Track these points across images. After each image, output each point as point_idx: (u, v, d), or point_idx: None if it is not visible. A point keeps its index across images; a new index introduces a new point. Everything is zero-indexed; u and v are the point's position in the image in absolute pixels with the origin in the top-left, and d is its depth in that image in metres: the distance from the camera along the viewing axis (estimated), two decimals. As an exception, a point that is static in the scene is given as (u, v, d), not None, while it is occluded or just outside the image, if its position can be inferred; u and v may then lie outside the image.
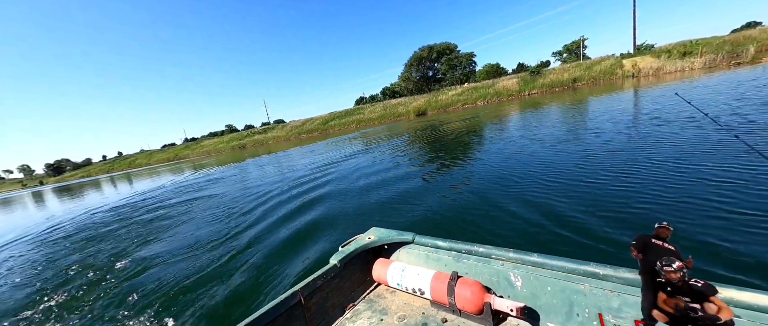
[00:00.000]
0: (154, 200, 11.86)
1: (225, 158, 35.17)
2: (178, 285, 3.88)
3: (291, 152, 23.71)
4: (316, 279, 1.79)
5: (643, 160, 5.00)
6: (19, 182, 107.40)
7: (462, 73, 58.04)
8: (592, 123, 9.48)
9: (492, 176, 5.92)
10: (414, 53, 56.74)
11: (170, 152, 77.97)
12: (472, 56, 59.43)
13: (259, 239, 4.99)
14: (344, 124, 48.99)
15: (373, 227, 2.31)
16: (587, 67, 34.14)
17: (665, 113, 8.57)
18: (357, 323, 1.75)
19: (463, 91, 41.87)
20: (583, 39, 58.30)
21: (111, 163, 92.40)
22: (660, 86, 17.68)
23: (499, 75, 55.38)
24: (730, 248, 2.49)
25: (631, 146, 5.95)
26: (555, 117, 12.70)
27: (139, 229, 7.33)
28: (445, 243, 1.90)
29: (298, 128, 55.75)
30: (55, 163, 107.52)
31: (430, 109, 41.20)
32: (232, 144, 60.39)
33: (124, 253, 5.62)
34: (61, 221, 11.04)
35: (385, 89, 72.41)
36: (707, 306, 0.86)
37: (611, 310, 1.28)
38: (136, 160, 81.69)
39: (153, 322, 3.15)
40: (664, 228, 1.03)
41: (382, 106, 51.07)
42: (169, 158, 70.47)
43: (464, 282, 1.61)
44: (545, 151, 7.02)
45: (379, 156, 11.78)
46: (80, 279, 4.69)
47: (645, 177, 4.27)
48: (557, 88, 33.70)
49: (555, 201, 4.06)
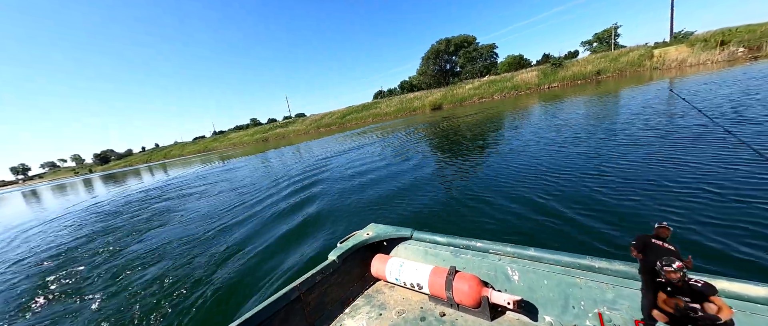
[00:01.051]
0: (175, 188, 13.33)
1: (249, 150, 37.49)
2: (178, 278, 3.95)
3: (310, 144, 24.94)
4: (314, 274, 1.81)
5: (644, 159, 4.93)
6: (72, 169, 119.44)
7: (482, 66, 56.81)
8: (597, 119, 9.41)
9: (492, 172, 5.96)
10: (431, 46, 56.18)
11: (201, 144, 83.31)
12: (492, 48, 57.87)
13: (258, 234, 5.10)
14: (361, 118, 49.89)
15: (372, 223, 2.34)
16: (613, 59, 32.42)
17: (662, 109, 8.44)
18: (356, 318, 1.76)
19: (480, 84, 41.18)
20: (616, 27, 54.72)
21: (149, 154, 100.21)
22: (686, 78, 16.78)
23: (522, 67, 53.40)
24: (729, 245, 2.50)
25: (631, 144, 5.88)
26: (565, 112, 12.55)
27: (156, 217, 8.02)
28: (443, 239, 1.93)
29: (317, 121, 57.47)
30: (102, 153, 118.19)
31: (446, 103, 40.98)
32: (255, 137, 63.41)
33: (135, 238, 6.24)
34: (101, 201, 12.80)
35: (403, 82, 72.34)
36: (707, 306, 0.86)
37: (606, 302, 1.31)
38: (171, 151, 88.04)
39: (152, 316, 3.18)
40: (664, 228, 1.03)
41: (398, 100, 51.38)
42: (199, 149, 75.36)
43: (462, 277, 1.63)
44: (546, 147, 7.02)
45: (383, 150, 12.36)
46: (88, 259, 5.42)
47: (645, 176, 4.22)
48: (579, 80, 32.35)
49: (555, 197, 4.09)
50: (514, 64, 55.56)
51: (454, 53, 57.16)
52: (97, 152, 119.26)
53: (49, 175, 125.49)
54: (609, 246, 2.82)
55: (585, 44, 62.22)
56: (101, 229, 7.81)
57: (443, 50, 55.89)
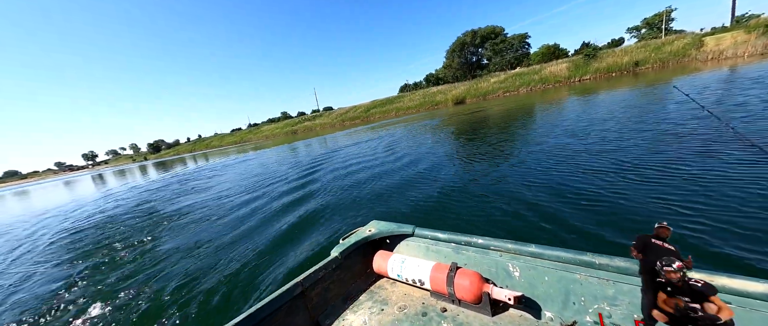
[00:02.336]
0: (204, 177, 15.18)
1: (279, 141, 40.50)
2: (184, 271, 4.01)
3: (330, 136, 26.31)
4: (317, 270, 1.84)
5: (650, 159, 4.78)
6: (130, 157, 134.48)
7: (513, 57, 54.47)
8: (616, 115, 9.07)
9: (495, 169, 6.00)
10: (457, 39, 54.83)
11: (237, 135, 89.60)
12: (524, 38, 55.14)
13: (260, 231, 5.13)
14: (384, 112, 50.64)
15: (374, 220, 2.37)
16: (655, 48, 29.79)
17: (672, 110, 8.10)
18: (358, 313, 1.78)
19: (506, 78, 39.87)
20: (669, 11, 49.45)
21: (193, 144, 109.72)
22: (740, 69, 15.36)
23: (557, 57, 49.81)
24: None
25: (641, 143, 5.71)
26: (584, 107, 12.18)
27: (176, 207, 8.56)
28: (444, 235, 1.95)
29: (343, 115, 59.26)
30: (154, 143, 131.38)
31: (470, 97, 40.31)
32: (285, 130, 66.92)
33: (156, 224, 6.85)
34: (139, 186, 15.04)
35: (429, 75, 71.57)
36: (707, 306, 0.86)
37: (607, 298, 1.31)
38: (212, 142, 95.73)
39: (153, 310, 3.18)
40: (664, 228, 1.03)
41: (421, 94, 51.32)
42: (235, 140, 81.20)
43: (463, 273, 1.65)
44: (556, 145, 6.90)
45: (392, 145, 12.98)
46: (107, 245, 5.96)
47: (649, 176, 4.13)
48: (614, 73, 30.23)
49: (560, 195, 4.05)
50: (548, 54, 52.41)
51: (480, 45, 55.36)
52: (151, 142, 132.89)
53: (112, 161, 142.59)
54: (614, 244, 2.80)
55: (631, 31, 57.11)
56: (129, 215, 8.91)
57: (469, 42, 54.34)
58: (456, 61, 56.26)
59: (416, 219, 4.27)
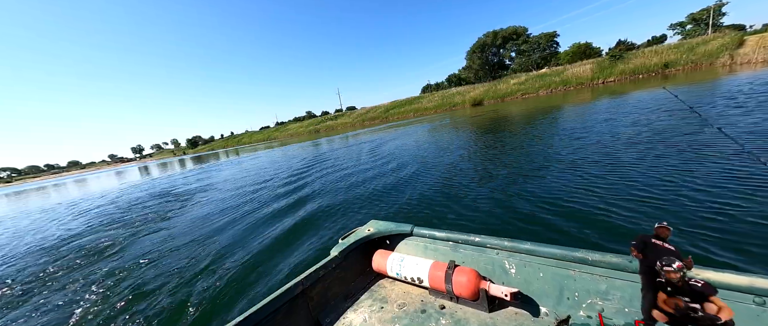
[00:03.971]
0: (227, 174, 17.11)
1: (302, 139, 43.13)
2: (190, 266, 4.07)
3: (337, 137, 27.76)
4: (317, 269, 1.86)
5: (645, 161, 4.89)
6: (171, 151, 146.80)
7: (540, 57, 52.84)
8: (620, 119, 9.05)
9: (498, 167, 6.14)
10: (477, 40, 54.21)
11: (265, 133, 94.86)
12: (553, 37, 53.20)
13: (257, 232, 5.17)
14: (403, 112, 51.53)
15: (372, 220, 2.39)
16: (689, 49, 28.05)
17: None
18: (358, 311, 1.80)
19: (527, 79, 39.16)
20: (720, 5, 45.52)
21: (226, 140, 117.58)
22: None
23: (588, 57, 47.32)
24: None
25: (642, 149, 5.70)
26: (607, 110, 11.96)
27: (188, 199, 9.39)
28: (442, 234, 1.97)
29: (363, 115, 60.99)
30: (192, 138, 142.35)
31: (488, 99, 40.06)
32: (309, 128, 70.03)
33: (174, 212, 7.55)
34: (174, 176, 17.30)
35: (451, 76, 71.25)
36: (707, 306, 0.86)
37: (599, 293, 1.36)
38: (242, 138, 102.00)
39: (153, 307, 3.19)
40: (664, 228, 1.03)
41: (440, 95, 51.56)
42: (263, 138, 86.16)
43: (461, 270, 1.67)
44: (562, 147, 6.90)
45: (398, 145, 13.89)
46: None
47: (649, 176, 4.22)
48: (641, 74, 28.86)
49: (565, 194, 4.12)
50: (578, 53, 49.74)
51: (502, 46, 54.34)
52: (189, 137, 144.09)
53: (156, 155, 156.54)
54: (608, 243, 2.81)
55: (674, 27, 53.24)
56: (148, 203, 10.12)
57: (490, 43, 53.52)
58: (477, 63, 55.63)
59: (413, 218, 4.36)
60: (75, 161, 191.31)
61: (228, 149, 73.90)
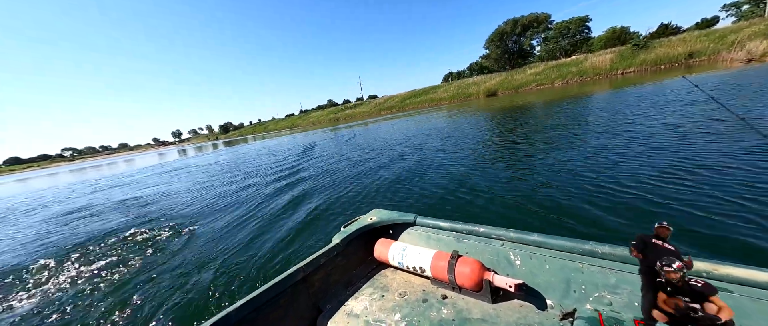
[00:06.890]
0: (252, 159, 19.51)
1: (323, 126, 46.17)
2: (200, 253, 4.07)
3: (344, 127, 29.52)
4: (319, 256, 1.87)
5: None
6: (206, 136, 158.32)
7: (569, 43, 50.43)
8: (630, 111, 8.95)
9: (499, 163, 6.09)
10: (497, 28, 52.77)
11: (289, 121, 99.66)
12: (584, 21, 50.20)
13: (262, 220, 5.19)
14: (419, 102, 52.25)
15: (375, 209, 2.40)
16: (719, 38, 26.31)
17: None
18: (359, 299, 1.80)
19: (544, 69, 38.33)
20: (784, -19, 40.58)
21: (254, 127, 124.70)
22: None
23: (624, 43, 42.51)
24: None
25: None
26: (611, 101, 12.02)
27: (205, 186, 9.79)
28: (446, 224, 1.96)
29: (380, 104, 62.47)
30: (224, 124, 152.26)
31: (502, 89, 39.75)
32: (329, 117, 73.03)
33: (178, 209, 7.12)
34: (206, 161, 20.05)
35: (473, 64, 70.07)
36: (707, 306, 0.86)
37: (608, 287, 1.32)
38: (268, 125, 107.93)
39: (153, 301, 3.14)
40: (664, 228, 1.02)
41: (456, 85, 51.48)
42: (287, 125, 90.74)
43: (464, 260, 1.66)
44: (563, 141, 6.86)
45: (403, 134, 15.19)
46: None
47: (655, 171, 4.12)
48: (664, 65, 27.59)
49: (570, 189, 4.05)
50: (612, 39, 46.06)
51: (522, 34, 52.55)
52: (222, 123, 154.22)
53: (192, 139, 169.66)
54: (620, 233, 2.74)
55: (728, 8, 48.44)
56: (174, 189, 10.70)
57: (510, 32, 51.91)
58: (495, 52, 54.38)
59: (417, 208, 4.36)
60: (124, 143, 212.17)
61: (255, 135, 78.89)
